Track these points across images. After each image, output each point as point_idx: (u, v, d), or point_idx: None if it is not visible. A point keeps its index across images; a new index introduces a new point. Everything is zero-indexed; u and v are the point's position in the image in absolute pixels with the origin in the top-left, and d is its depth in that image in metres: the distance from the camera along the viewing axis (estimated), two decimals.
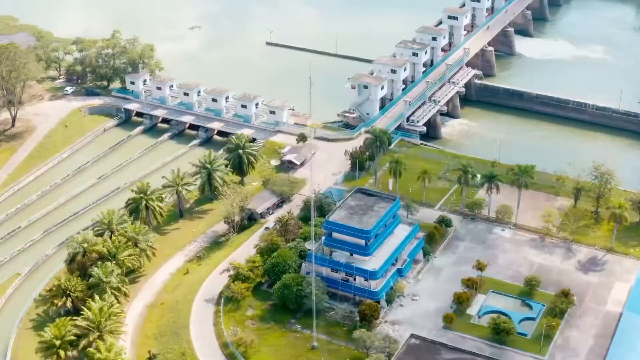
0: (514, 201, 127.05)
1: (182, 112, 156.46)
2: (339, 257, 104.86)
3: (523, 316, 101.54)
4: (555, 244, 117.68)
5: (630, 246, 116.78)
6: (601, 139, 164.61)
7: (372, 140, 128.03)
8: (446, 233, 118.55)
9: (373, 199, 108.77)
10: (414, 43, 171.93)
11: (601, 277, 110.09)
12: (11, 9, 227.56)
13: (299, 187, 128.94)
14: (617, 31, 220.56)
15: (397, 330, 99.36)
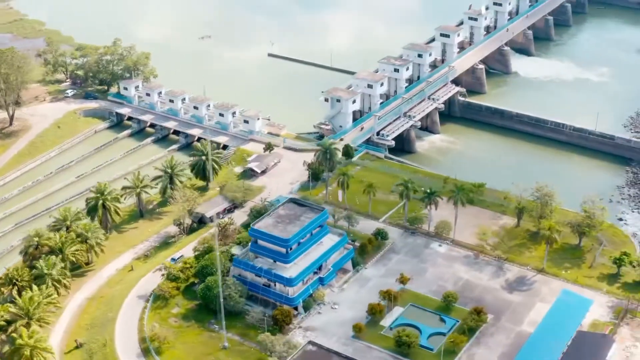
0: (463, 217, 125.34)
1: (167, 118, 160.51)
2: (264, 263, 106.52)
3: (433, 331, 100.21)
4: (488, 261, 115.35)
5: (562, 268, 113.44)
6: (576, 160, 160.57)
7: (322, 152, 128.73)
8: (383, 245, 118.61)
9: (302, 209, 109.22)
10: (397, 59, 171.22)
11: (524, 297, 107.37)
12: (40, 14, 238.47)
13: (254, 194, 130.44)
14: (623, 54, 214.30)
15: (308, 337, 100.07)
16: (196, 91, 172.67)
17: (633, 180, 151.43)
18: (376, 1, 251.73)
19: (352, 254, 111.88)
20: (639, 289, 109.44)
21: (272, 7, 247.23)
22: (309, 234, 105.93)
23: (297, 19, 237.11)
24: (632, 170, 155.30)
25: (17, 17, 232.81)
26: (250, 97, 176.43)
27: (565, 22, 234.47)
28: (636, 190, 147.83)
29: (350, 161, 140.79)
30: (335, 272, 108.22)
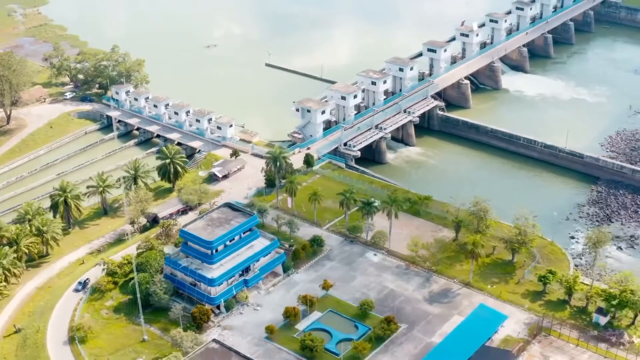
0: (405, 228, 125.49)
1: (151, 122, 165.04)
2: (193, 263, 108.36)
3: (344, 337, 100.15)
4: (418, 272, 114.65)
5: (489, 282, 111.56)
6: (545, 177, 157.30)
7: (272, 160, 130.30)
8: (320, 252, 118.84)
9: (234, 214, 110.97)
10: (376, 72, 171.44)
11: (443, 309, 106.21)
12: (64, 20, 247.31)
13: (210, 197, 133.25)
14: (622, 73, 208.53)
15: (224, 335, 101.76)
16: (192, 98, 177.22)
17: (595, 199, 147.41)
18: (381, 16, 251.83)
19: (283, 258, 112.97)
20: (561, 307, 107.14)
21: (277, 21, 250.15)
22: (237, 237, 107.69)
23: (297, 32, 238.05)
24: (597, 189, 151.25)
25: (42, 22, 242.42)
26: (239, 104, 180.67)
27: (567, 40, 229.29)
28: (595, 209, 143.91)
29: (311, 169, 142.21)
30: (262, 275, 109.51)
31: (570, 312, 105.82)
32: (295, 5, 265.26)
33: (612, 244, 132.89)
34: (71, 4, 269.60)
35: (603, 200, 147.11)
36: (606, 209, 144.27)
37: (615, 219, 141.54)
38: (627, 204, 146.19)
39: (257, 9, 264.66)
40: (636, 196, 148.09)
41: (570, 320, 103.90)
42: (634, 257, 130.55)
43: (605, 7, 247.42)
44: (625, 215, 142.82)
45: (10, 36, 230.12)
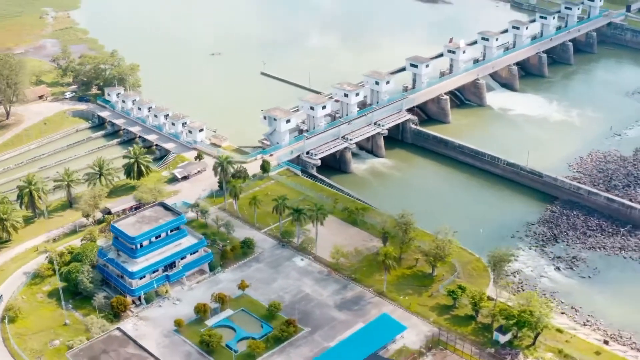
0: (340, 236, 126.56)
1: (135, 123, 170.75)
2: (123, 256, 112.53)
3: (247, 335, 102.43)
4: (338, 279, 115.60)
5: (403, 294, 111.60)
6: (506, 193, 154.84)
7: (217, 164, 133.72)
8: (251, 253, 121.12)
9: (165, 213, 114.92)
10: (351, 85, 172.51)
11: (350, 316, 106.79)
12: (88, 24, 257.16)
13: (163, 196, 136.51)
14: (613, 96, 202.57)
15: (138, 325, 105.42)
16: (183, 102, 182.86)
17: (546, 219, 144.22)
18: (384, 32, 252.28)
19: (209, 257, 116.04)
20: (467, 322, 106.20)
21: (281, 32, 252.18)
22: (164, 234, 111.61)
23: (299, 43, 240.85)
24: (552, 209, 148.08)
25: (68, 25, 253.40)
26: (225, 110, 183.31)
27: (566, 60, 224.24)
28: (544, 229, 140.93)
29: (267, 175, 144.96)
30: (185, 271, 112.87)
31: (475, 328, 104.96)
32: (306, 16, 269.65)
33: (550, 263, 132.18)
34: (98, 9, 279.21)
35: (554, 220, 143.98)
36: (554, 229, 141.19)
37: (561, 239, 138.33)
38: (578, 225, 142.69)
39: (270, 19, 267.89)
40: (589, 218, 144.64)
41: (471, 336, 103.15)
42: (570, 278, 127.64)
43: (611, 28, 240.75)
44: (573, 236, 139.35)
45: (37, 37, 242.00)
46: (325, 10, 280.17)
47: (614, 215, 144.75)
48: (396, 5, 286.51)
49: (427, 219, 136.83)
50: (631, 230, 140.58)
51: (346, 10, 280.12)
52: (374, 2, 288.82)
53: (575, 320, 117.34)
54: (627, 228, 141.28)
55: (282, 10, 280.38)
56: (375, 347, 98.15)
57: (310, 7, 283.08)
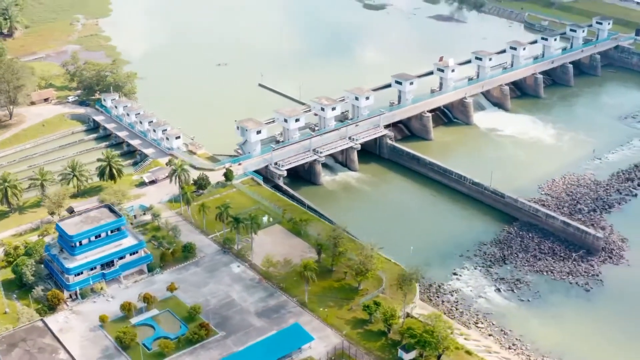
0: (281, 245, 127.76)
1: (124, 128, 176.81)
2: (63, 253, 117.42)
3: (164, 334, 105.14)
4: (266, 287, 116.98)
5: (324, 305, 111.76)
6: (469, 212, 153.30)
7: (172, 171, 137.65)
8: (192, 257, 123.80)
9: (109, 215, 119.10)
10: (328, 99, 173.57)
11: (266, 323, 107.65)
12: (113, 31, 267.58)
13: (129, 199, 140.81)
14: (605, 119, 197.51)
15: (69, 317, 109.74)
16: (177, 111, 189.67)
17: (500, 240, 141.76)
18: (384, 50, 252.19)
19: (148, 259, 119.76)
20: (379, 338, 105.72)
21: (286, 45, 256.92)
22: (104, 234, 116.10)
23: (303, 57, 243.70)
24: (509, 229, 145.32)
25: (94, 32, 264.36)
26: (213, 118, 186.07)
27: (566, 82, 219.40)
28: (494, 250, 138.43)
29: (230, 183, 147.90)
30: (122, 271, 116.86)
31: (384, 344, 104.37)
32: (317, 31, 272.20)
33: (492, 284, 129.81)
34: (125, 18, 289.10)
35: (507, 242, 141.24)
36: (505, 250, 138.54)
37: (510, 261, 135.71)
38: (530, 247, 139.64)
39: (281, 33, 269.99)
40: (543, 241, 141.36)
41: (378, 352, 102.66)
42: (508, 300, 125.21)
43: (618, 52, 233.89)
44: (522, 258, 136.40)
45: (62, 42, 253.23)
46: (339, 26, 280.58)
47: (569, 239, 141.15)
48: (411, 22, 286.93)
49: (385, 233, 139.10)
50: (584, 255, 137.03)
51: (360, 27, 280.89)
52: (389, 19, 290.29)
53: (501, 342, 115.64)
54: (580, 253, 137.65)
55: (298, 25, 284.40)
56: (280, 355, 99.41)
57: (325, 23, 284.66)
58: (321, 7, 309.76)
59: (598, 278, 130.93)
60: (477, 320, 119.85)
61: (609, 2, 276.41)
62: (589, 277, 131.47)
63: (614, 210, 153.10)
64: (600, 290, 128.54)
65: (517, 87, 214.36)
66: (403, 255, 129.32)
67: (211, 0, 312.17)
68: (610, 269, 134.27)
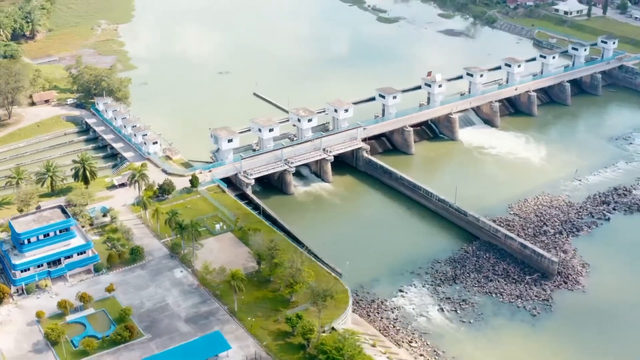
0: (226, 253, 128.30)
1: (112, 132, 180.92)
2: (14, 250, 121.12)
3: (93, 333, 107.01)
4: (203, 293, 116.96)
5: (253, 315, 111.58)
6: (435, 228, 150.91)
7: (131, 176, 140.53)
8: (140, 259, 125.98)
9: (60, 215, 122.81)
10: (305, 110, 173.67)
11: (192, 329, 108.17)
12: (130, 37, 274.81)
13: (95, 200, 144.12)
14: (595, 140, 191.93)
15: (12, 311, 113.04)
16: (169, 117, 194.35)
17: (456, 258, 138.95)
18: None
19: (95, 259, 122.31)
20: (298, 351, 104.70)
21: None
22: (52, 233, 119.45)
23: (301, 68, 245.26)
24: (467, 248, 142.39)
25: (111, 37, 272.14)
26: (199, 124, 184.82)
27: (562, 100, 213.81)
28: (447, 268, 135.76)
29: (195, 189, 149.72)
30: (67, 269, 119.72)
31: (301, 357, 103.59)
32: (328, 43, 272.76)
33: (436, 304, 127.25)
34: (143, 24, 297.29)
35: (462, 261, 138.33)
36: (458, 269, 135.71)
37: (461, 280, 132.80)
38: (484, 268, 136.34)
39: (288, 43, 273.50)
40: (499, 262, 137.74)
41: None
42: (449, 320, 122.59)
43: (622, 72, 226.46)
44: (474, 278, 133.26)
45: (78, 46, 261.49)
46: (350, 38, 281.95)
47: (526, 261, 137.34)
48: (420, 36, 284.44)
49: (342, 247, 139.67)
50: (537, 279, 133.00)
51: (370, 39, 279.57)
52: (400, 32, 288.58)
53: None
54: (534, 277, 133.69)
55: (310, 36, 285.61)
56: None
57: (337, 34, 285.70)
58: (337, 18, 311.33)
59: (548, 303, 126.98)
60: (412, 339, 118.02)
61: (622, 21, 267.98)
62: (538, 301, 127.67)
63: (582, 234, 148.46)
64: (547, 315, 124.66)
65: (510, 105, 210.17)
66: (352, 269, 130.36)
67: (236, 10, 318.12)
68: (563, 294, 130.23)
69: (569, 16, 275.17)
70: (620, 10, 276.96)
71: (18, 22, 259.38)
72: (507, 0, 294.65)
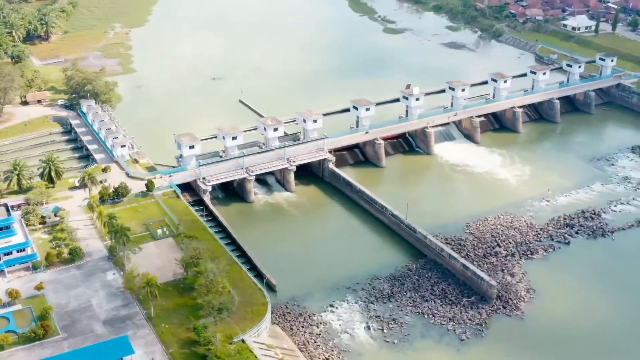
0: (162, 257, 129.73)
1: (90, 134, 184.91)
2: None
3: (13, 329, 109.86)
4: (128, 297, 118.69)
5: (167, 322, 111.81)
6: (387, 243, 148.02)
7: (80, 179, 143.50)
8: (78, 260, 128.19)
9: (3, 213, 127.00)
10: (272, 120, 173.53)
11: (106, 331, 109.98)
12: (137, 41, 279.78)
13: (51, 199, 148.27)
14: (574, 160, 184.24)
15: None
16: (152, 121, 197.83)
17: (396, 276, 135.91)
18: None
19: (34, 257, 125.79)
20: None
21: None
22: None
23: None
24: (411, 266, 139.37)
25: (120, 40, 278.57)
26: (180, 130, 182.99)
27: (551, 118, 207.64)
28: (385, 286, 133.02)
29: (150, 194, 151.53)
30: (6, 265, 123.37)
31: None
32: (335, 53, 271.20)
33: (364, 321, 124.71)
34: (156, 29, 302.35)
35: (402, 279, 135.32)
36: (396, 287, 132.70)
37: (396, 299, 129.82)
38: (423, 287, 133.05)
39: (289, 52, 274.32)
40: (440, 282, 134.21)
41: None
42: (373, 339, 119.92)
43: (619, 90, 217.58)
44: (410, 297, 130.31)
45: (87, 49, 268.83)
46: (351, 48, 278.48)
47: (467, 283, 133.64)
48: (422, 47, 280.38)
49: (284, 258, 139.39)
50: (475, 302, 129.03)
51: (372, 50, 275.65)
52: (402, 44, 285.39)
53: None
54: (472, 299, 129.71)
55: (313, 45, 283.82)
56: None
57: (339, 44, 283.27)
58: (345, 29, 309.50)
59: (480, 328, 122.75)
60: (329, 356, 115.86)
61: (632, 38, 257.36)
62: (471, 325, 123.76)
63: (536, 257, 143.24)
64: (476, 341, 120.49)
65: (496, 120, 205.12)
66: (289, 281, 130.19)
67: (249, 19, 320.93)
68: (499, 319, 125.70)
69: (576, 32, 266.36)
70: (631, 27, 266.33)
71: (33, 24, 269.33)
72: (517, 15, 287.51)
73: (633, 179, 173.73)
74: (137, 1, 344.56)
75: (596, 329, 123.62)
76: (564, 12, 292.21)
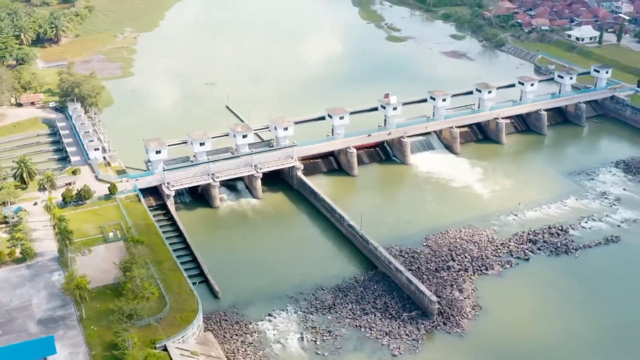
0: (110, 260, 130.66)
1: (72, 136, 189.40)
2: None
3: None
4: (66, 298, 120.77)
5: (97, 324, 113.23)
6: (344, 254, 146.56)
7: (40, 181, 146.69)
8: (30, 260, 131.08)
9: None
10: (243, 127, 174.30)
11: (38, 331, 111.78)
12: (142, 46, 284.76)
13: (23, 200, 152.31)
14: (553, 176, 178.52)
15: None
16: (137, 124, 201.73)
17: (342, 287, 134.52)
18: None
19: None
20: None
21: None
22: None
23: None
24: (359, 278, 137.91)
25: (126, 44, 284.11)
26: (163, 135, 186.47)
27: (538, 130, 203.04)
28: (328, 297, 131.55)
29: (112, 197, 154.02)
30: None
31: None
32: (339, 61, 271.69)
33: (299, 332, 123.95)
34: (164, 34, 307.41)
35: (347, 290, 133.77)
36: (338, 299, 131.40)
37: (336, 310, 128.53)
38: (365, 300, 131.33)
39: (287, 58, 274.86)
40: (384, 295, 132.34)
41: None
42: (304, 350, 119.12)
43: (613, 102, 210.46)
44: (350, 309, 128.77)
45: (92, 52, 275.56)
46: (352, 55, 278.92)
47: (411, 297, 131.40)
48: (421, 55, 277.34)
49: (235, 265, 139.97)
50: (415, 317, 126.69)
51: (372, 56, 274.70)
52: (403, 51, 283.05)
53: None
54: (412, 314, 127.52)
55: (312, 51, 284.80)
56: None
57: (339, 51, 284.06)
58: (349, 36, 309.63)
59: (416, 345, 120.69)
60: None
61: (636, 50, 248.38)
62: (407, 341, 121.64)
63: (491, 273, 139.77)
64: (409, 357, 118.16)
65: (480, 131, 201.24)
66: (234, 288, 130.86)
67: (258, 25, 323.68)
68: (438, 336, 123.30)
69: (579, 42, 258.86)
70: (638, 38, 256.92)
71: (43, 27, 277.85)
72: (523, 24, 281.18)
73: (611, 195, 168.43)
74: (152, 6, 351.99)
75: (539, 349, 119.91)
76: (572, 22, 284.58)
